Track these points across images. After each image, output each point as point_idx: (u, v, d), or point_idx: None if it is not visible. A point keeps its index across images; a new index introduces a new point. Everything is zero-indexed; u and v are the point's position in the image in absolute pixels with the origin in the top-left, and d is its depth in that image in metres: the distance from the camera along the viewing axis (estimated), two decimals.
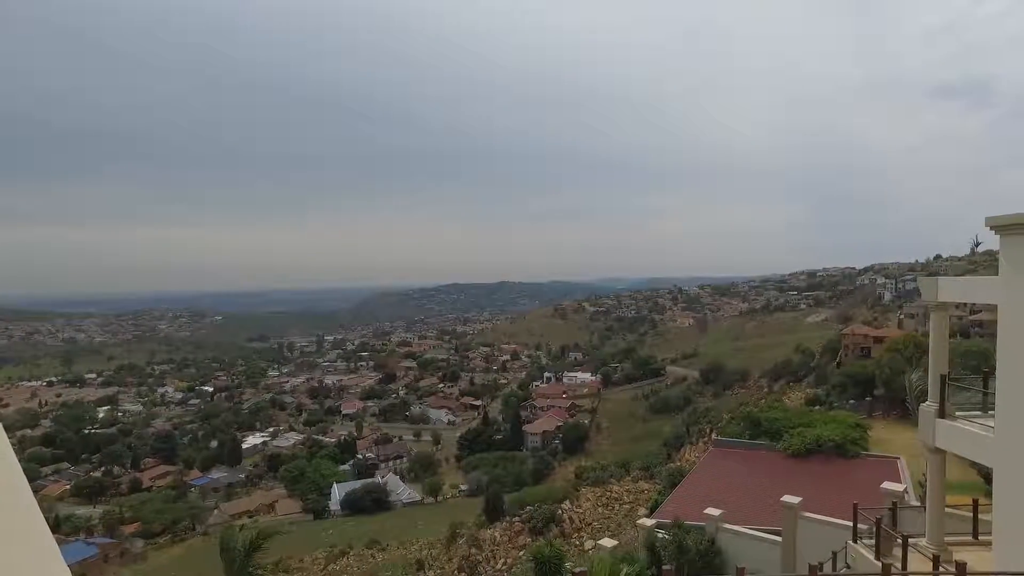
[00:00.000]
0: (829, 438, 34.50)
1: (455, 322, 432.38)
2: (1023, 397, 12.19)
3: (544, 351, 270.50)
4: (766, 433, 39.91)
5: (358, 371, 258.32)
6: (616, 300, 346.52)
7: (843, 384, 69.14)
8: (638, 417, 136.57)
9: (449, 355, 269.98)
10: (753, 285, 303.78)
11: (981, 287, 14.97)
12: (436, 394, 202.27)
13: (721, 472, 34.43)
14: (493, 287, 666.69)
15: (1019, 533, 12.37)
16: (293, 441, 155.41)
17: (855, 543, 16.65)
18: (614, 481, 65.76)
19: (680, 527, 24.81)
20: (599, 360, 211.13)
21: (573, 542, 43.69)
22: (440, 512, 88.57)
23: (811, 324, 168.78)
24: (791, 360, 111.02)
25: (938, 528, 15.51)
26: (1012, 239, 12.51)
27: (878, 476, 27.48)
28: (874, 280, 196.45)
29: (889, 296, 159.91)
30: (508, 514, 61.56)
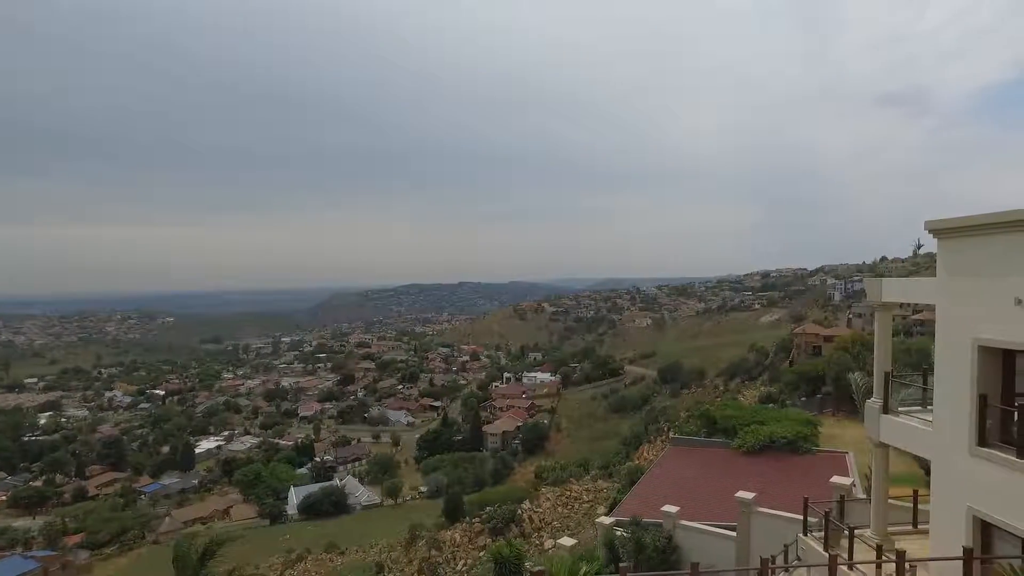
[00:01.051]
0: (782, 435, 35.40)
1: (414, 323, 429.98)
2: (957, 392, 12.79)
3: (504, 351, 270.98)
4: (722, 431, 40.71)
5: (316, 373, 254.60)
6: (575, 300, 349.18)
7: (795, 382, 71.06)
8: (597, 416, 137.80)
9: (408, 356, 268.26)
10: (709, 286, 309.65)
11: (921, 288, 15.62)
12: (395, 395, 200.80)
13: (678, 470, 35.02)
14: (452, 288, 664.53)
15: (952, 521, 13.00)
16: (249, 445, 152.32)
17: (805, 536, 17.18)
18: (573, 480, 66.30)
19: (638, 525, 25.17)
20: (558, 360, 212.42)
21: (533, 542, 43.89)
22: (400, 514, 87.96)
23: (765, 324, 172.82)
24: (746, 359, 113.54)
25: (882, 519, 16.12)
26: (948, 243, 13.11)
27: (828, 471, 28.37)
28: (824, 281, 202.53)
29: (839, 296, 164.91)
30: (468, 515, 61.48)
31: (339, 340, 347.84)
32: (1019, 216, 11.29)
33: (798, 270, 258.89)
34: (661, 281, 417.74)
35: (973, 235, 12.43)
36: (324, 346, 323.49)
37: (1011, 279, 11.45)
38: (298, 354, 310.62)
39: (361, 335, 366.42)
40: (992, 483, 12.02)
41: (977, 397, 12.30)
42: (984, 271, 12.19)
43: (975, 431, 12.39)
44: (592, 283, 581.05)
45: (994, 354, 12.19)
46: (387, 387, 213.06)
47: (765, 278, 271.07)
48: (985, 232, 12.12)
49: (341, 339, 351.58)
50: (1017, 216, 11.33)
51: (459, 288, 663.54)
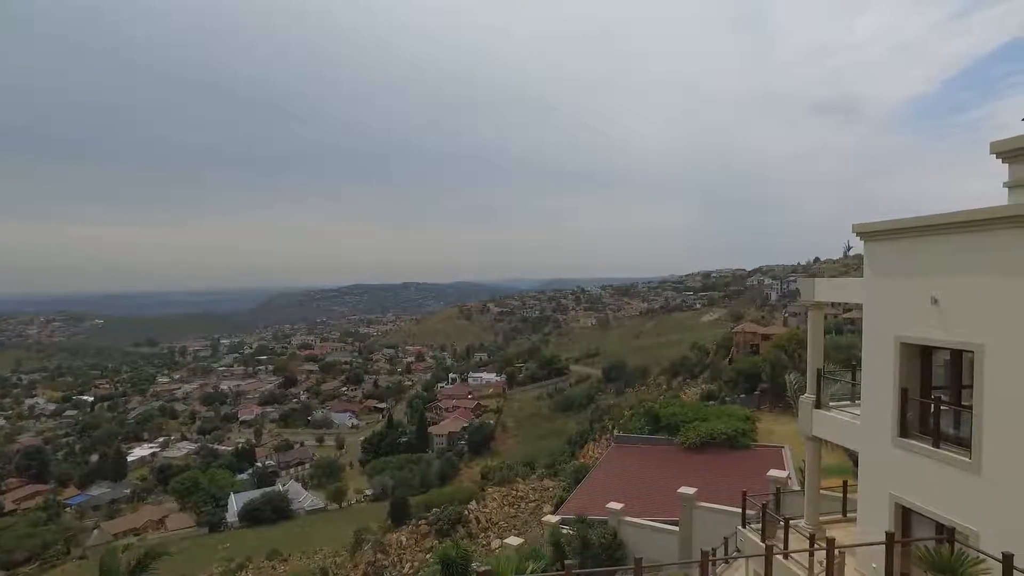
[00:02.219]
0: (722, 431, 36.54)
1: (358, 324, 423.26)
2: (882, 387, 13.49)
3: (449, 352, 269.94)
4: (665, 428, 41.66)
5: (257, 376, 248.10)
6: (520, 301, 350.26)
7: (734, 379, 73.34)
8: (543, 416, 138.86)
9: (352, 357, 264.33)
10: (652, 286, 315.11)
11: (849, 288, 16.39)
12: (339, 398, 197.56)
13: (623, 467, 35.69)
14: (397, 288, 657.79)
15: (877, 508, 13.70)
16: (186, 451, 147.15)
17: (744, 528, 17.77)
18: (520, 480, 66.65)
19: (583, 522, 25.54)
20: (504, 360, 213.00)
21: (480, 542, 43.92)
22: (345, 518, 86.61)
23: (706, 323, 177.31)
24: (687, 358, 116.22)
25: (814, 509, 16.84)
26: (873, 245, 13.81)
27: (765, 464, 29.42)
28: (762, 281, 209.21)
29: (775, 296, 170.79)
30: (414, 517, 61.11)
31: (281, 342, 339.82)
32: (934, 221, 12.01)
33: (737, 270, 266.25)
34: (605, 281, 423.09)
35: (894, 238, 13.13)
36: (265, 348, 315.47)
37: (928, 280, 12.15)
38: (238, 356, 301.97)
39: (304, 336, 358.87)
40: (911, 471, 12.73)
41: (899, 391, 13.00)
42: (904, 272, 12.88)
43: (897, 423, 13.09)
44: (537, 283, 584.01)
45: (914, 350, 12.89)
46: (331, 389, 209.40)
47: (706, 278, 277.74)
48: (905, 235, 12.82)
49: (283, 341, 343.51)
50: (932, 221, 12.05)
51: (404, 288, 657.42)
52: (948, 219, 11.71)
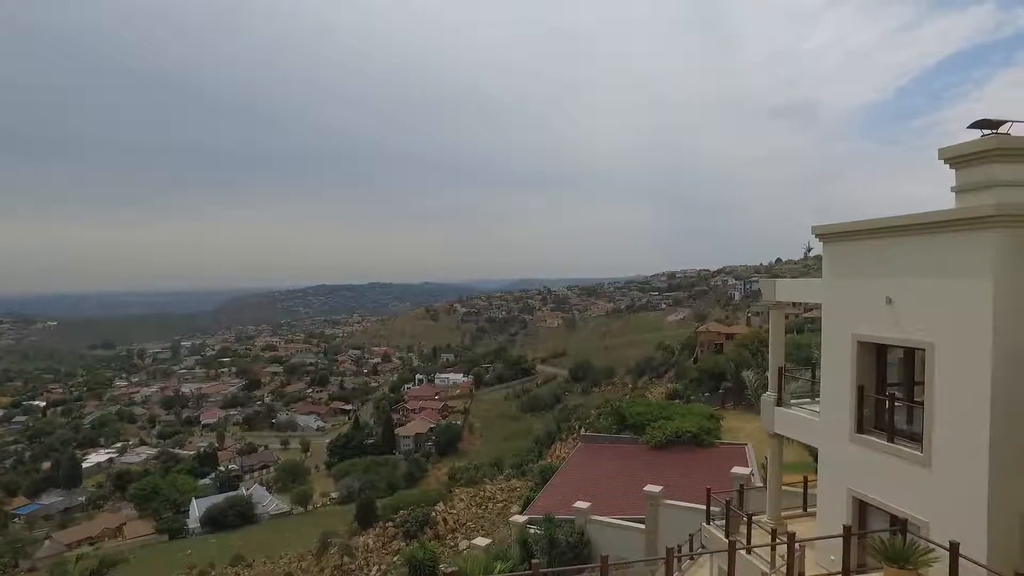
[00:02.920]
0: (687, 429, 37.09)
1: (324, 325, 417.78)
2: (840, 384, 13.90)
3: (416, 353, 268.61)
4: (631, 427, 42.14)
5: (219, 378, 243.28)
6: (487, 301, 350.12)
7: (699, 378, 74.44)
8: (510, 416, 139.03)
9: (318, 359, 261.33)
10: (618, 286, 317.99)
11: (809, 288, 16.83)
12: (304, 400, 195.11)
13: (589, 466, 35.97)
14: (363, 288, 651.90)
15: (835, 502, 14.11)
16: (145, 456, 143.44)
17: (708, 525, 18.10)
18: (487, 480, 66.79)
19: (551, 521, 25.68)
20: (471, 361, 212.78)
21: (448, 543, 43.82)
22: (310, 522, 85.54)
23: (671, 323, 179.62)
24: (653, 357, 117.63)
25: (776, 505, 17.25)
26: (831, 246, 14.22)
27: (729, 462, 29.93)
28: (726, 281, 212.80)
29: (739, 296, 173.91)
30: (381, 519, 60.73)
31: (244, 343, 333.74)
32: (887, 223, 12.44)
33: (701, 271, 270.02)
34: (572, 282, 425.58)
35: (851, 239, 13.55)
36: (228, 350, 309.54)
37: (883, 279, 12.57)
38: (200, 359, 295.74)
39: (268, 338, 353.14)
40: (867, 466, 13.14)
41: (855, 388, 13.41)
42: (861, 273, 13.30)
43: (854, 419, 13.49)
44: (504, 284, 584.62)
45: (870, 348, 13.31)
46: (296, 391, 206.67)
47: (671, 279, 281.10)
48: (861, 237, 13.24)
49: (246, 342, 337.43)
50: (886, 223, 12.48)
51: (370, 289, 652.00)
52: (900, 222, 12.13)
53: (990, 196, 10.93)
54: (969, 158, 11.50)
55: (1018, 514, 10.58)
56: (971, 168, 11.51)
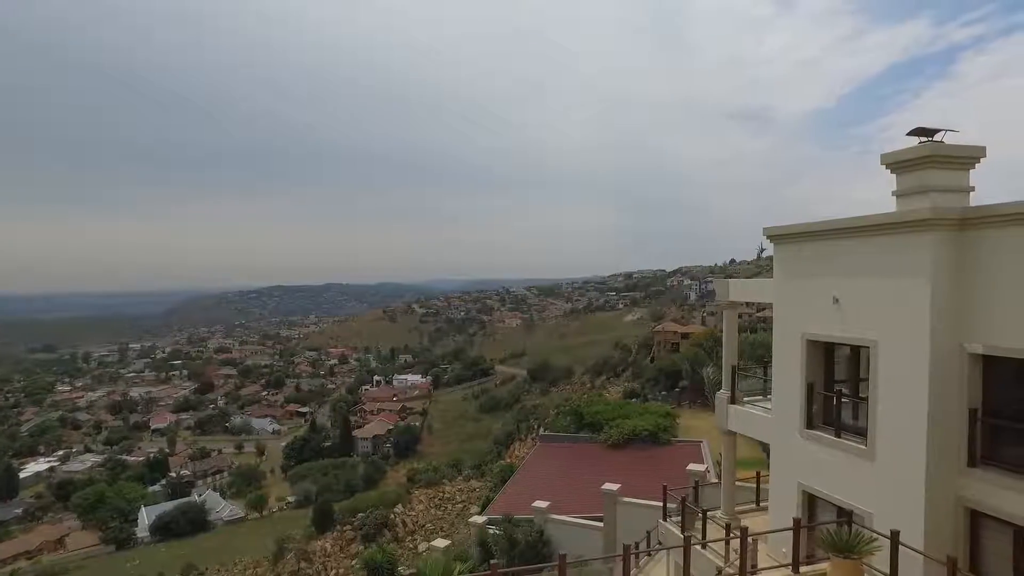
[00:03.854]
0: (644, 428, 37.70)
1: (279, 326, 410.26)
2: (790, 382, 14.33)
3: (373, 354, 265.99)
4: (589, 426, 42.58)
5: (170, 381, 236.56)
6: (445, 302, 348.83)
7: (656, 377, 75.49)
8: (469, 417, 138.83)
9: (273, 361, 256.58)
10: (576, 286, 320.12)
11: (761, 288, 17.30)
12: (259, 402, 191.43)
13: (548, 465, 36.21)
14: (319, 289, 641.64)
15: (786, 496, 14.55)
16: (90, 464, 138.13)
17: (665, 521, 18.43)
18: (446, 482, 66.55)
19: (510, 522, 25.76)
20: (429, 362, 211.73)
21: (407, 545, 43.58)
22: (266, 527, 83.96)
23: (628, 323, 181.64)
24: (611, 356, 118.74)
25: (730, 500, 17.69)
26: (782, 247, 14.66)
27: (685, 459, 30.52)
28: (682, 281, 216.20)
29: (694, 296, 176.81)
30: (339, 523, 60.02)
31: (196, 345, 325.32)
32: (833, 225, 12.91)
33: (658, 271, 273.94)
34: (530, 282, 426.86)
35: (800, 241, 14.00)
36: (179, 352, 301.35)
37: (830, 280, 13.03)
38: (149, 361, 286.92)
39: (221, 340, 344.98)
40: (816, 461, 13.60)
41: (805, 386, 13.86)
42: (810, 273, 13.75)
43: (804, 415, 13.94)
44: (462, 284, 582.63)
45: (819, 347, 13.78)
46: (250, 394, 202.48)
47: (628, 279, 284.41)
48: (809, 239, 13.70)
49: (199, 344, 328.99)
50: (831, 225, 12.95)
51: (326, 290, 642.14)
52: (845, 224, 12.60)
53: (927, 200, 11.44)
54: (907, 164, 12.02)
55: (952, 503, 11.12)
56: (909, 174, 12.03)
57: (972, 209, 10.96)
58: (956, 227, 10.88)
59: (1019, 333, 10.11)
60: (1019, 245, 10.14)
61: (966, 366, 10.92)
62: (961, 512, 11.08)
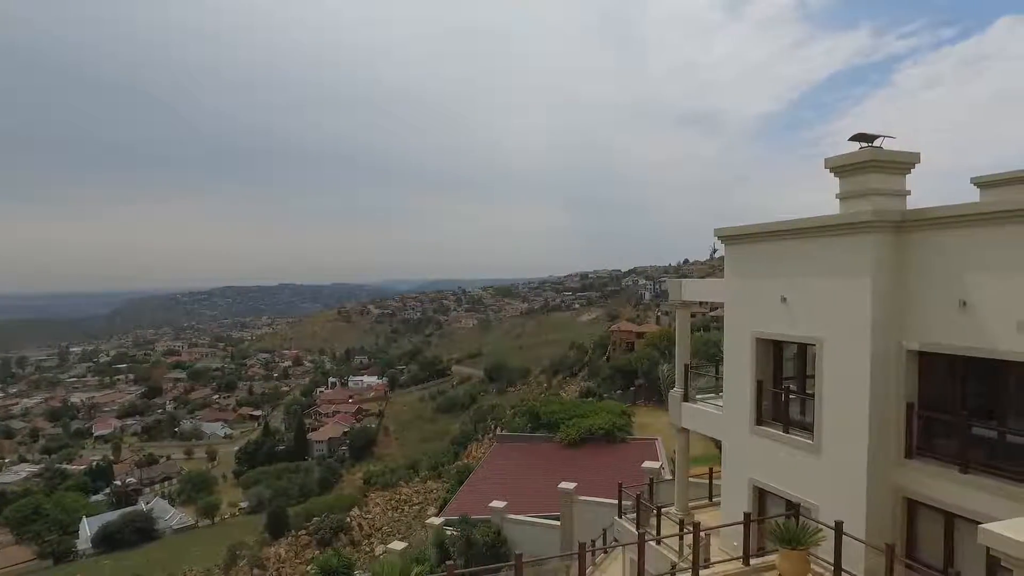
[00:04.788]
0: (600, 427, 38.07)
1: (230, 328, 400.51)
2: (741, 379, 14.73)
3: (328, 355, 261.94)
4: (545, 425, 42.78)
5: (115, 386, 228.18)
6: (401, 302, 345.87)
7: (612, 376, 76.39)
8: (426, 418, 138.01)
9: (224, 363, 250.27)
10: (532, 286, 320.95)
11: (712, 288, 17.73)
12: (210, 406, 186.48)
13: (505, 465, 36.28)
14: (272, 290, 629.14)
15: (738, 491, 14.95)
16: (25, 474, 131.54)
17: (620, 518, 18.70)
18: (403, 483, 66.09)
19: (467, 522, 25.75)
20: (385, 363, 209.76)
21: (363, 549, 43.14)
22: (218, 534, 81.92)
23: (584, 322, 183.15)
24: (567, 356, 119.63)
25: (684, 496, 18.05)
26: (732, 248, 15.05)
27: (641, 456, 30.96)
28: (637, 281, 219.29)
29: (649, 296, 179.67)
30: (294, 528, 59.02)
31: (143, 348, 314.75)
32: (780, 227, 13.33)
33: (613, 271, 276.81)
34: (486, 282, 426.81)
35: (749, 242, 14.40)
36: (125, 355, 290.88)
37: (778, 280, 13.44)
38: (92, 366, 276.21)
39: (170, 342, 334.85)
40: (766, 456, 14.01)
41: (755, 383, 14.26)
42: (759, 273, 14.16)
43: (754, 412, 14.35)
44: (418, 284, 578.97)
45: (768, 345, 14.20)
46: (201, 397, 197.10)
47: (584, 279, 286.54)
48: (757, 240, 14.11)
49: (145, 347, 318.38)
50: (779, 227, 13.38)
51: (280, 290, 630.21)
52: (792, 226, 13.03)
53: (868, 203, 11.92)
54: (849, 168, 12.50)
55: (890, 493, 11.61)
56: (851, 177, 12.52)
57: (909, 212, 11.47)
58: (894, 229, 11.37)
59: (951, 330, 10.63)
60: (950, 247, 10.66)
61: (904, 362, 11.42)
62: (899, 502, 11.59)
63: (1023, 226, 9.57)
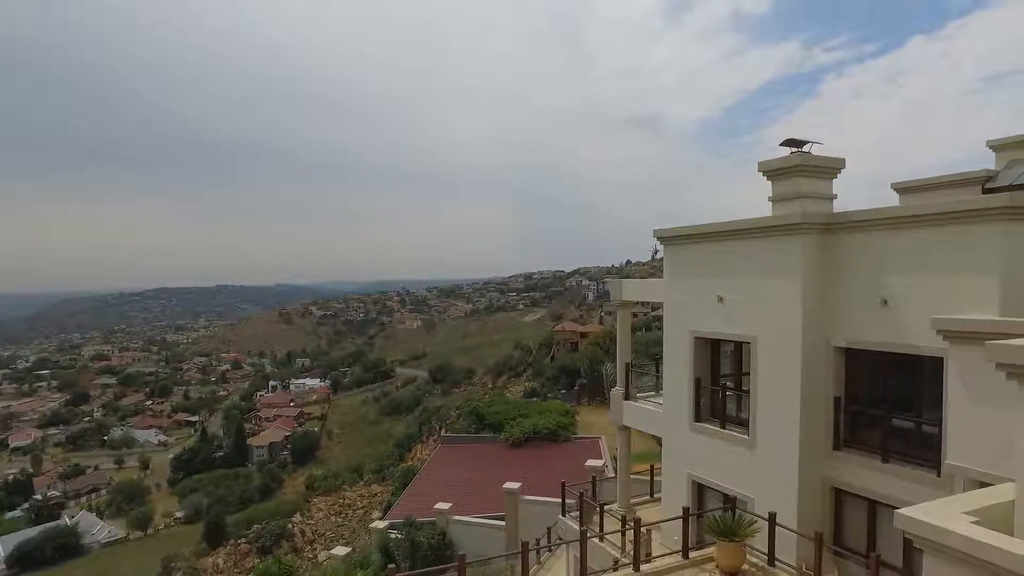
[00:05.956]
0: (544, 426, 38.37)
1: (165, 331, 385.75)
2: (680, 377, 15.11)
3: (269, 358, 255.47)
4: (490, 426, 42.84)
5: (35, 393, 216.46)
6: (344, 303, 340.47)
7: (556, 376, 76.94)
8: (370, 420, 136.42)
9: (159, 368, 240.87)
10: (476, 287, 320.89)
11: (652, 288, 18.11)
12: (143, 412, 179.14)
13: (450, 467, 36.15)
14: (210, 291, 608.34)
15: (677, 487, 15.32)
16: None
17: (564, 517, 18.90)
18: (347, 487, 65.02)
19: (412, 525, 25.54)
20: (328, 365, 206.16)
21: (306, 555, 42.27)
22: (151, 546, 78.70)
23: (529, 323, 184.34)
24: (511, 356, 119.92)
25: (626, 493, 18.38)
26: (671, 248, 15.42)
27: (584, 455, 31.34)
28: (580, 282, 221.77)
29: (592, 296, 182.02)
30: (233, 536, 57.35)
31: (68, 353, 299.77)
32: (716, 228, 13.75)
33: (557, 272, 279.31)
34: (430, 283, 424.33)
35: (687, 243, 14.78)
36: (47, 361, 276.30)
37: (714, 279, 13.84)
38: (9, 372, 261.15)
39: (98, 346, 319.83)
40: (704, 452, 14.41)
41: (693, 380, 14.64)
42: (696, 273, 14.54)
43: (692, 409, 14.74)
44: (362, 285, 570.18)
45: (705, 344, 14.60)
46: (132, 404, 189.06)
47: (528, 279, 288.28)
48: (695, 240, 14.49)
49: (71, 352, 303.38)
50: (714, 228, 13.80)
51: (217, 292, 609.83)
52: (726, 227, 13.45)
53: (797, 206, 12.41)
54: (780, 172, 12.99)
55: (820, 484, 12.12)
56: (782, 181, 13.01)
57: (835, 215, 11.99)
58: (822, 231, 11.87)
59: (874, 328, 11.17)
60: (873, 248, 11.20)
61: (831, 359, 11.94)
62: (828, 492, 12.11)
63: (938, 229, 10.13)
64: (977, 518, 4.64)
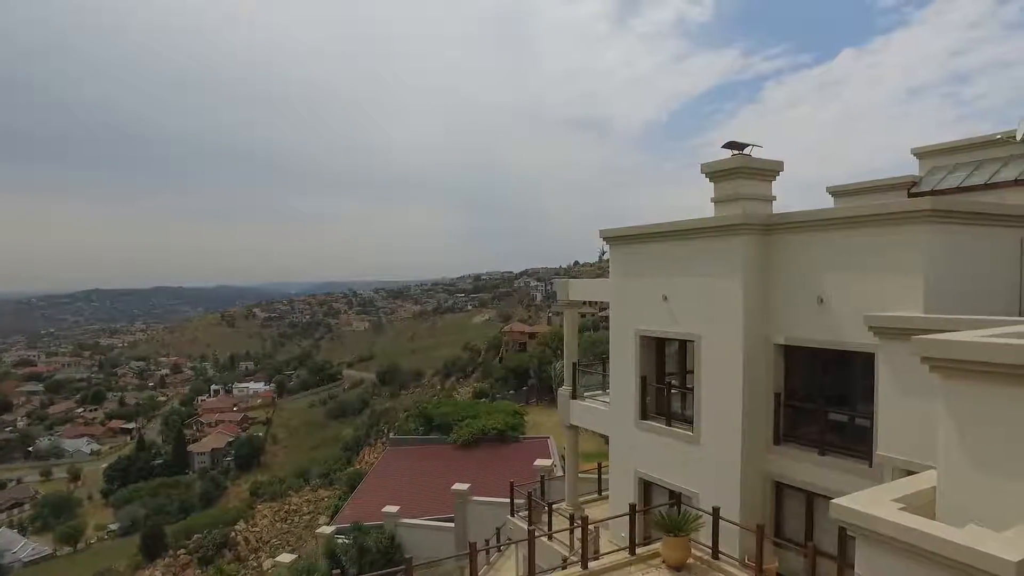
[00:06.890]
0: (493, 427, 38.40)
1: (98, 334, 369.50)
2: (626, 376, 15.34)
3: (211, 362, 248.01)
4: (438, 428, 42.67)
5: None
6: (289, 305, 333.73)
7: (504, 377, 77.24)
8: (316, 424, 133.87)
9: (91, 373, 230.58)
10: (424, 288, 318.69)
11: (599, 288, 18.33)
12: (73, 421, 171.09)
13: (398, 469, 35.81)
14: (146, 293, 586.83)
15: (624, 484, 15.56)
16: None
17: (512, 516, 18.94)
18: (293, 493, 63.67)
19: (360, 529, 25.19)
20: (272, 368, 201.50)
21: (250, 564, 41.19)
22: (83, 562, 75.38)
23: (477, 324, 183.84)
24: (460, 358, 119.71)
25: (574, 492, 18.56)
26: (617, 249, 15.65)
27: (533, 455, 31.48)
28: (528, 283, 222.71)
29: (540, 297, 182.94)
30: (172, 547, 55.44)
31: None
32: (660, 229, 14.01)
33: (505, 273, 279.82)
34: (377, 284, 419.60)
35: (632, 243, 15.01)
36: None
37: (659, 279, 14.11)
38: None
39: (23, 351, 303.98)
40: (650, 449, 14.66)
41: (639, 379, 14.89)
42: (641, 273, 14.78)
43: (639, 407, 14.98)
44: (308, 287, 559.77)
45: (651, 342, 14.86)
46: (61, 412, 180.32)
47: (476, 280, 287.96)
48: (639, 240, 14.74)
49: None
50: (658, 228, 14.06)
51: (155, 293, 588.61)
52: (670, 228, 13.72)
53: (739, 207, 12.76)
54: (721, 174, 13.35)
55: (761, 478, 12.50)
56: (723, 182, 13.37)
57: (775, 216, 12.38)
58: (762, 231, 12.23)
59: (811, 325, 11.58)
60: (810, 248, 11.61)
61: (771, 356, 12.32)
62: (769, 485, 12.49)
63: (868, 231, 10.57)
64: (903, 504, 4.88)
